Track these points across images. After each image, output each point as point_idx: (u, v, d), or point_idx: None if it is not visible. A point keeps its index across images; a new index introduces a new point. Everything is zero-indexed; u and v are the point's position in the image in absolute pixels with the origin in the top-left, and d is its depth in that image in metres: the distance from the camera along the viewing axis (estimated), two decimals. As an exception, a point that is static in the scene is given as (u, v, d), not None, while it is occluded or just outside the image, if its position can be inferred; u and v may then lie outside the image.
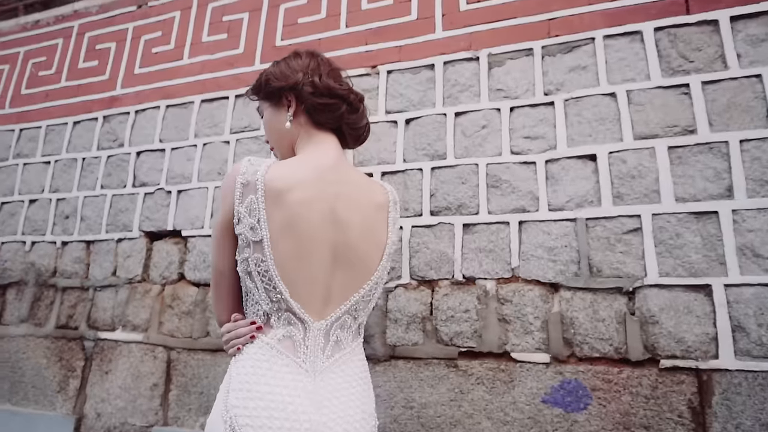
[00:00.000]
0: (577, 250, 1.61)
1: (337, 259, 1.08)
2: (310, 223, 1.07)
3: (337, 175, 1.12)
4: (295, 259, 1.06)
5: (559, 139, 1.72)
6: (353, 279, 1.10)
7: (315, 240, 1.07)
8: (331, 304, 1.08)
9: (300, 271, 1.06)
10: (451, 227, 1.78)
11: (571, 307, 1.58)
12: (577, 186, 1.66)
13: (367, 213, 1.13)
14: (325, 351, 1.07)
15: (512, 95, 1.83)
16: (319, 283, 1.07)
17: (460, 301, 1.70)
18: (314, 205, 1.07)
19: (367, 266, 1.12)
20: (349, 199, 1.11)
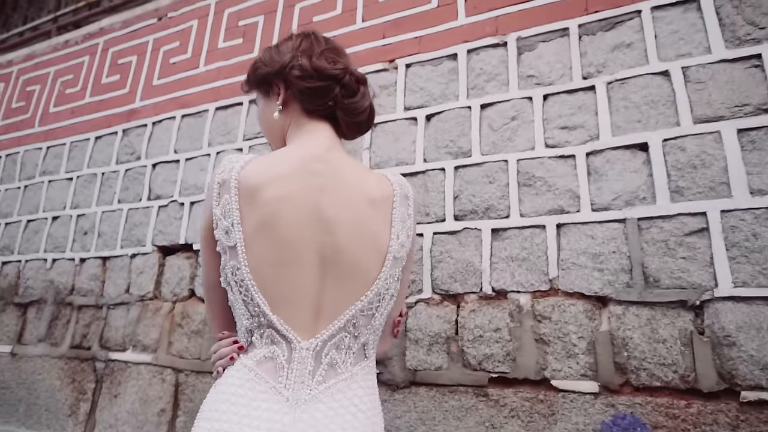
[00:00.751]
0: (628, 256, 1.35)
1: (326, 264, 0.89)
2: (290, 223, 0.89)
3: (325, 165, 0.94)
4: (274, 266, 0.89)
5: (602, 128, 1.47)
6: (347, 289, 0.90)
7: (297, 242, 0.89)
8: (322, 319, 0.88)
9: (281, 279, 0.89)
10: (478, 233, 1.55)
11: (624, 325, 1.31)
12: (625, 181, 1.40)
13: (361, 209, 0.93)
14: (315, 376, 0.87)
15: (545, 81, 1.60)
16: (306, 293, 0.89)
17: (490, 319, 1.47)
18: (294, 202, 0.90)
19: (364, 273, 0.91)
20: (337, 193, 0.92)
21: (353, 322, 0.89)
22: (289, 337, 0.86)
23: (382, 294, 0.91)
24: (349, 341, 0.90)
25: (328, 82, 0.97)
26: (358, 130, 1.04)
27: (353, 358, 0.91)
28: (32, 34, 3.25)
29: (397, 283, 0.95)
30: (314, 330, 0.87)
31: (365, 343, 0.93)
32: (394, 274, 0.93)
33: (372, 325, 0.92)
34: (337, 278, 0.89)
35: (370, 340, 0.93)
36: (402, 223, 0.95)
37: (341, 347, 0.89)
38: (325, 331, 0.87)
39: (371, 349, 0.94)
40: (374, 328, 0.93)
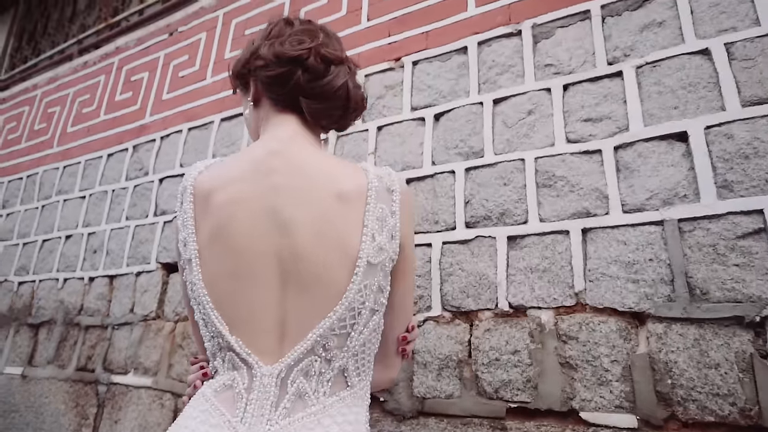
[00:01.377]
0: (669, 264, 1.14)
1: (286, 274, 0.74)
2: (243, 229, 0.76)
3: (283, 161, 0.79)
4: (230, 280, 0.75)
5: (631, 118, 1.28)
6: (313, 303, 0.74)
7: (252, 251, 0.75)
8: (288, 340, 0.73)
9: (237, 294, 0.75)
10: (492, 242, 1.37)
11: (666, 346, 1.10)
12: (661, 177, 1.20)
13: (326, 207, 0.77)
14: (279, 408, 0.72)
15: (565, 70, 1.42)
16: (267, 310, 0.75)
17: (507, 339, 1.28)
18: (247, 205, 0.77)
19: (330, 283, 0.74)
20: (296, 191, 0.77)
21: (323, 344, 0.73)
22: (249, 361, 0.72)
23: (356, 309, 0.74)
24: (320, 366, 0.74)
25: (288, 67, 0.83)
26: (329, 116, 0.86)
27: (327, 387, 0.74)
28: (58, 57, 3.31)
29: (381, 295, 0.78)
30: (280, 353, 0.72)
31: (343, 369, 0.76)
32: (373, 284, 0.75)
33: (349, 347, 0.75)
34: (299, 290, 0.74)
35: (349, 365, 0.76)
36: (380, 222, 0.77)
37: (311, 374, 0.73)
38: (290, 354, 0.72)
39: (355, 376, 0.77)
40: (353, 351, 0.76)
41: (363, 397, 0.79)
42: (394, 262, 0.81)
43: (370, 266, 0.75)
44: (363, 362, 0.79)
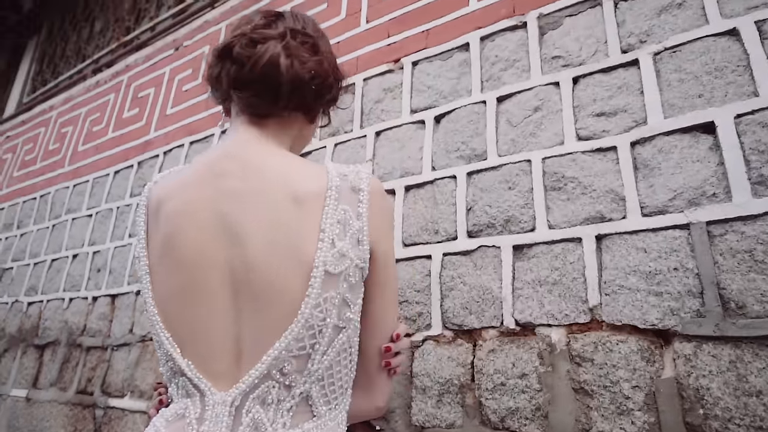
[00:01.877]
0: (697, 273, 0.99)
1: (239, 288, 0.65)
2: (191, 240, 0.68)
3: (236, 164, 0.71)
4: (180, 296, 0.67)
5: (650, 110, 1.14)
6: (268, 320, 0.64)
7: (201, 263, 0.67)
8: (244, 363, 0.64)
9: (187, 312, 0.67)
10: (497, 252, 1.24)
11: (696, 369, 0.94)
12: (685, 174, 1.06)
13: (281, 211, 0.67)
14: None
15: (575, 62, 1.29)
16: (220, 329, 0.66)
17: (514, 361, 1.14)
18: (196, 214, 0.69)
19: (285, 296, 0.64)
20: (248, 196, 0.68)
21: (279, 367, 0.63)
22: (201, 387, 0.63)
23: (316, 326, 0.63)
24: (278, 393, 0.63)
25: (221, 62, 0.75)
26: (269, 105, 0.73)
27: (288, 418, 0.64)
28: (74, 78, 3.35)
29: (348, 309, 0.66)
30: (236, 377, 0.63)
31: (306, 396, 0.65)
32: (334, 297, 0.64)
33: (311, 371, 0.64)
34: (253, 305, 0.64)
35: (313, 391, 0.65)
36: (342, 226, 0.67)
37: (268, 402, 0.63)
38: (245, 378, 0.62)
39: (323, 405, 0.66)
40: (317, 375, 0.65)
41: (335, 429, 0.67)
42: (364, 272, 0.70)
43: (329, 276, 0.65)
44: (332, 389, 0.68)
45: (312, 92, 0.74)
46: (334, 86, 0.78)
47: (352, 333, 0.68)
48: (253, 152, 0.71)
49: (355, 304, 0.67)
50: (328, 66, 0.76)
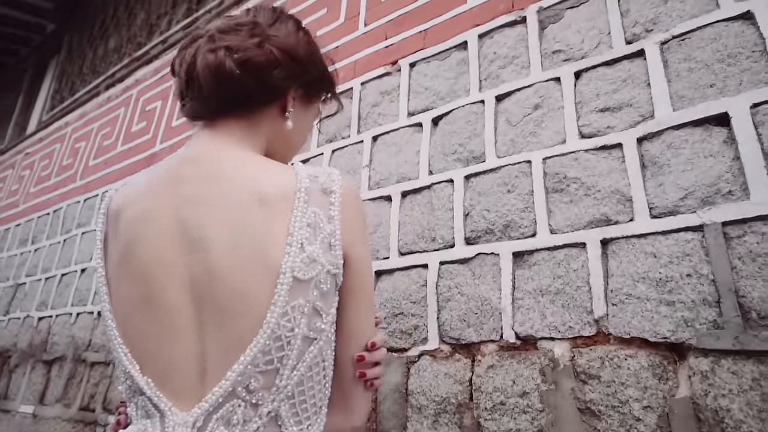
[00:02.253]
0: (713, 280, 0.89)
1: (201, 299, 0.60)
2: (150, 249, 0.64)
3: (197, 168, 0.66)
4: (139, 309, 0.62)
5: (657, 102, 1.05)
6: (233, 332, 0.59)
7: (161, 273, 0.63)
8: (208, 380, 0.59)
9: (147, 326, 0.62)
10: (496, 259, 1.16)
11: (714, 388, 0.84)
12: (697, 170, 0.96)
13: (246, 213, 0.61)
14: None
15: (576, 56, 1.21)
16: (182, 343, 0.61)
17: (514, 378, 1.05)
18: (155, 221, 0.64)
19: (252, 307, 0.59)
20: (210, 199, 0.63)
21: (245, 384, 0.57)
22: (161, 407, 0.58)
23: (284, 337, 0.58)
24: (243, 413, 0.58)
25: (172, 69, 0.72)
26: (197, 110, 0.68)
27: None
28: (88, 95, 3.40)
29: (319, 319, 0.60)
30: (200, 396, 0.58)
31: (276, 415, 0.59)
32: (303, 306, 0.59)
33: (279, 387, 0.58)
34: (217, 316, 0.59)
35: (282, 410, 0.59)
36: (312, 230, 0.61)
37: (233, 422, 0.57)
38: (209, 397, 0.57)
39: (293, 425, 0.60)
40: (286, 392, 0.59)
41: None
42: (338, 279, 0.64)
43: (298, 283, 0.59)
44: (304, 407, 0.61)
45: (254, 81, 0.66)
46: (291, 67, 0.70)
47: (324, 345, 0.62)
48: (213, 156, 0.66)
49: (327, 314, 0.61)
50: (273, 48, 0.68)
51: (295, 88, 0.72)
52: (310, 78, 0.74)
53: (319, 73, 0.76)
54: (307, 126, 0.81)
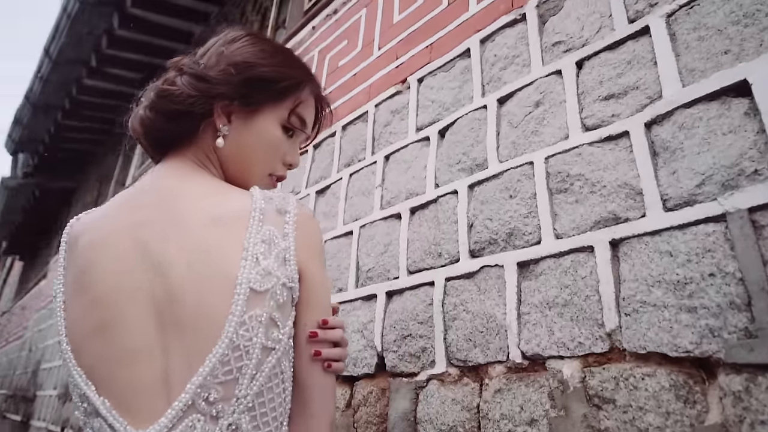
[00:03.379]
0: (741, 278, 0.73)
1: (163, 317, 0.61)
2: (106, 274, 0.66)
3: (153, 195, 0.70)
4: (97, 333, 0.63)
5: (665, 80, 0.92)
6: (195, 347, 0.59)
7: (118, 297, 0.65)
8: (174, 396, 0.59)
9: (104, 350, 0.62)
10: (500, 272, 1.05)
11: (751, 412, 0.68)
12: (715, 151, 0.82)
13: (202, 236, 0.63)
14: None
15: (577, 44, 1.11)
16: (144, 363, 0.62)
17: (522, 404, 0.93)
18: (113, 246, 0.66)
19: (212, 320, 0.60)
20: (166, 224, 0.66)
21: (204, 396, 0.57)
22: (116, 427, 0.58)
23: (242, 346, 0.58)
24: (203, 427, 0.57)
25: None
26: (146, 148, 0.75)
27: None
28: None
29: (276, 329, 0.60)
30: (163, 413, 0.58)
31: (236, 428, 0.57)
32: (260, 315, 0.59)
33: (239, 398, 0.57)
34: (178, 333, 0.60)
35: (243, 422, 0.57)
36: (267, 245, 0.62)
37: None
38: (168, 412, 0.56)
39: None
40: (246, 404, 0.58)
41: None
42: (293, 292, 0.64)
43: (255, 294, 0.60)
44: (265, 420, 0.60)
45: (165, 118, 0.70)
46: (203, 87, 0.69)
47: (282, 357, 0.61)
48: (171, 185, 0.69)
49: (284, 325, 0.61)
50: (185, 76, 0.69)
51: (224, 104, 0.70)
52: (243, 89, 0.72)
53: (256, 81, 0.73)
54: (268, 139, 0.76)
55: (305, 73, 0.77)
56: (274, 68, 0.73)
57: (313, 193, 1.77)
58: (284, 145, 0.75)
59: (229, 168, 0.73)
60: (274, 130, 0.76)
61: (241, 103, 0.71)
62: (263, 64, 0.73)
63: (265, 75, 0.73)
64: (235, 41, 0.75)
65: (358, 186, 1.57)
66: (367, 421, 1.21)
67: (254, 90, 0.72)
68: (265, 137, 0.76)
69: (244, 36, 0.76)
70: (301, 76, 0.76)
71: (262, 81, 0.72)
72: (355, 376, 1.30)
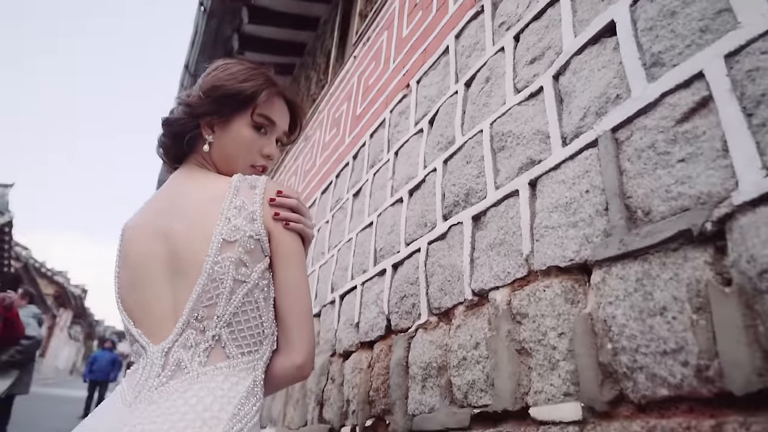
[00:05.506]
0: (602, 188, 0.84)
1: (174, 272, 0.88)
2: (136, 247, 0.97)
3: (165, 194, 1.00)
4: (132, 289, 0.95)
5: (564, 35, 1.04)
6: (189, 282, 0.86)
7: (143, 261, 0.95)
8: (177, 321, 0.87)
9: (139, 298, 0.93)
10: (461, 228, 1.21)
11: (604, 297, 0.78)
12: (592, 86, 0.93)
13: (195, 209, 0.90)
14: (160, 377, 0.84)
15: (514, 21, 1.25)
16: (161, 303, 0.90)
17: (471, 332, 1.07)
18: (138, 230, 0.98)
19: (197, 261, 0.85)
20: (173, 207, 0.94)
21: (195, 315, 0.81)
22: (143, 344, 0.87)
23: (218, 278, 0.81)
24: (195, 337, 0.82)
25: None
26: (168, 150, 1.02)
27: (204, 357, 0.82)
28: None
29: (244, 268, 0.81)
30: (171, 332, 0.87)
31: (218, 338, 0.81)
32: (231, 257, 0.81)
33: (219, 316, 0.80)
34: (182, 279, 0.87)
35: (223, 334, 0.81)
36: (238, 210, 0.85)
37: (188, 345, 0.83)
38: (175, 330, 0.83)
39: (234, 348, 0.82)
40: (225, 320, 0.81)
41: (246, 371, 0.81)
42: (261, 243, 0.84)
43: (226, 243, 0.82)
44: (243, 335, 0.81)
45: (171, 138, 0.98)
46: (188, 110, 0.98)
47: (254, 289, 0.81)
48: (180, 182, 0.98)
49: (253, 266, 0.82)
50: (179, 106, 0.99)
51: (206, 120, 1.00)
52: (215, 106, 1.01)
53: (222, 97, 1.02)
54: (242, 139, 1.01)
55: (260, 82, 1.00)
56: (233, 85, 0.99)
57: (350, 197, 2.05)
58: (258, 141, 0.98)
59: (220, 165, 1.01)
60: (245, 132, 1.03)
61: (218, 116, 0.99)
62: (225, 84, 1.00)
63: (228, 92, 1.00)
64: (210, 72, 1.04)
65: (378, 182, 1.81)
66: (378, 373, 1.40)
67: (223, 105, 0.99)
68: (239, 138, 1.03)
69: (220, 64, 1.04)
70: (256, 85, 1.00)
71: (226, 97, 0.99)
72: (373, 340, 1.51)
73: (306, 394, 1.90)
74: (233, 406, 0.74)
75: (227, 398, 0.74)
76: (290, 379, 0.86)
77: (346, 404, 1.55)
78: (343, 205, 2.14)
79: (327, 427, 1.64)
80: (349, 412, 1.53)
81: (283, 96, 0.98)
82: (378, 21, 2.38)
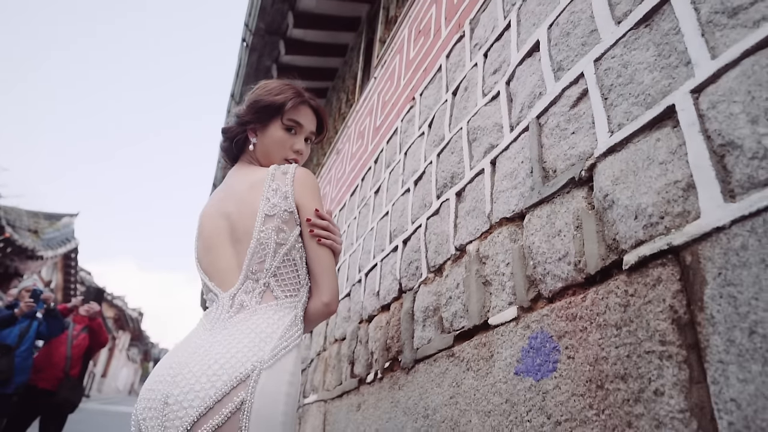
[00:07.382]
0: (530, 158, 1.18)
1: (234, 239, 1.20)
2: (207, 225, 1.31)
3: (224, 185, 1.35)
4: (205, 252, 1.31)
5: (512, 49, 1.39)
6: (245, 249, 1.24)
7: (213, 234, 1.27)
8: (240, 274, 1.24)
9: (211, 259, 1.28)
10: (449, 203, 1.56)
11: (529, 231, 1.11)
12: (528, 86, 1.27)
13: (244, 194, 1.20)
14: (229, 312, 1.20)
15: (483, 42, 1.62)
16: (227, 262, 1.24)
17: (455, 277, 1.41)
18: (207, 213, 1.32)
19: (250, 231, 1.17)
20: (230, 193, 1.26)
21: (251, 269, 1.17)
22: (216, 292, 1.25)
23: (263, 242, 1.15)
24: (252, 285, 1.18)
25: None
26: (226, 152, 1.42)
27: (259, 298, 1.17)
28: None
29: (283, 234, 1.11)
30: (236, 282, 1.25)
31: (267, 285, 1.15)
32: (272, 227, 1.14)
33: (267, 270, 1.15)
34: (240, 245, 1.22)
35: (271, 282, 1.15)
36: (275, 192, 1.17)
37: (247, 291, 1.19)
38: (239, 281, 1.22)
39: (279, 291, 1.16)
40: (271, 272, 1.15)
41: (290, 307, 1.15)
42: (294, 215, 1.17)
43: (268, 217, 1.17)
44: (285, 283, 1.15)
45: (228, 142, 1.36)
46: (240, 121, 1.39)
47: (291, 250, 1.16)
48: (233, 175, 1.37)
49: (290, 232, 1.16)
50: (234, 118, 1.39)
51: (251, 126, 1.41)
52: (256, 115, 1.41)
53: (261, 108, 1.41)
54: (276, 139, 1.38)
55: (288, 94, 1.26)
56: (269, 98, 1.37)
57: (372, 194, 2.43)
58: (290, 140, 1.34)
59: (262, 160, 1.40)
60: (278, 133, 1.40)
61: (259, 123, 1.39)
62: (263, 98, 1.38)
63: (265, 103, 1.37)
64: (254, 90, 1.45)
65: (392, 179, 2.18)
66: (393, 325, 1.76)
67: (262, 114, 1.37)
68: (274, 138, 1.41)
69: (261, 84, 1.44)
70: (286, 97, 1.30)
71: (264, 107, 1.37)
72: (389, 302, 1.86)
73: (340, 360, 2.26)
74: (281, 330, 1.08)
75: (276, 325, 1.07)
76: (321, 315, 1.20)
77: (371, 356, 1.91)
78: (367, 202, 2.52)
79: (357, 379, 2.00)
80: (372, 361, 1.88)
81: (308, 104, 1.24)
82: (392, 46, 2.79)
